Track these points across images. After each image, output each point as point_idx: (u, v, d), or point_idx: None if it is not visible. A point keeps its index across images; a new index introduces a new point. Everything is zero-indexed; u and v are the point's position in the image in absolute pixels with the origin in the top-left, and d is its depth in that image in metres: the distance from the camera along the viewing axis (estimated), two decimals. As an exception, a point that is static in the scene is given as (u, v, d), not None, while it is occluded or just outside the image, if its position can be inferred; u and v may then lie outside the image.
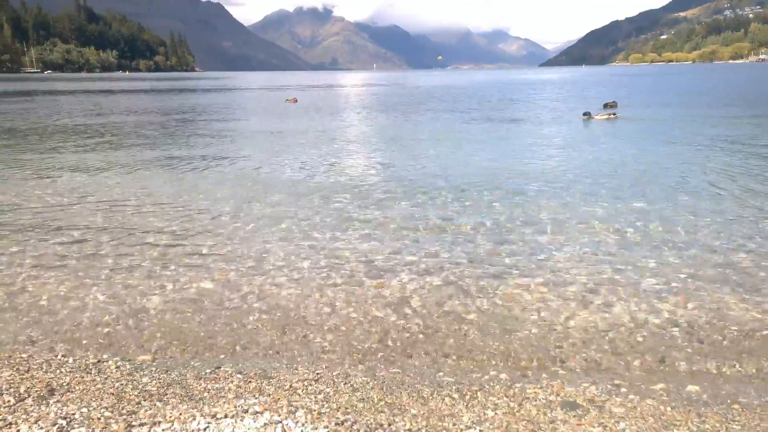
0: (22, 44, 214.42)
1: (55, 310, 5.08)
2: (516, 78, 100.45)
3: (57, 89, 59.46)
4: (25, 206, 8.78)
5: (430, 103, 35.23)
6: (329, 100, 40.25)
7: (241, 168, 12.13)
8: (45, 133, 19.35)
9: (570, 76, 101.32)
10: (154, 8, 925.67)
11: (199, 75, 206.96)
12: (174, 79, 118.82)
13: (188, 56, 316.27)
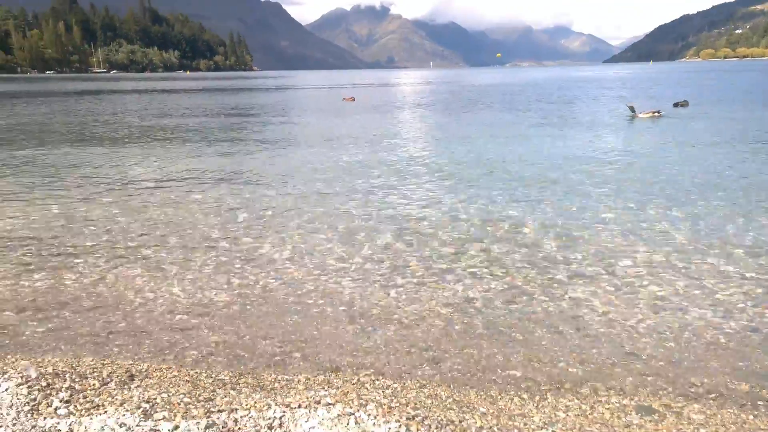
0: (90, 45, 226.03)
1: (130, 300, 5.37)
2: (577, 75, 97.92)
3: (124, 89, 62.35)
4: (98, 201, 9.28)
5: (486, 101, 34.87)
6: (386, 99, 40.46)
7: (300, 166, 12.39)
8: (113, 131, 20.35)
9: (636, 73, 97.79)
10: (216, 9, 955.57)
11: (256, 74, 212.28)
12: (232, 78, 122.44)
13: (246, 56, 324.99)
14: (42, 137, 18.51)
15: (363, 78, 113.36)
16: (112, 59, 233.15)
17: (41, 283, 5.74)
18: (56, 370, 3.34)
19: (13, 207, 8.87)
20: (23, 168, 12.56)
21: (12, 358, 3.76)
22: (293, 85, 76.89)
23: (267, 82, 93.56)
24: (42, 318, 4.86)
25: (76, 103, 37.97)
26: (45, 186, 10.48)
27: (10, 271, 6.06)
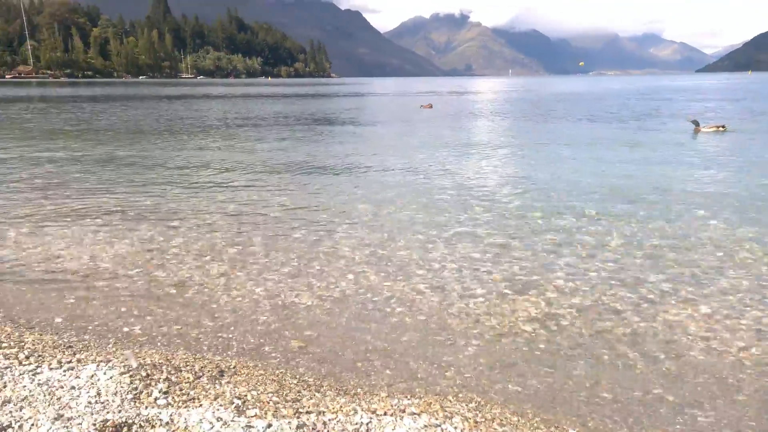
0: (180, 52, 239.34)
1: (216, 298, 5.62)
2: (667, 85, 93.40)
3: (210, 93, 65.49)
4: (185, 200, 9.77)
5: (564, 110, 33.91)
6: (465, 106, 40.24)
7: (379, 171, 12.54)
8: (198, 133, 21.40)
9: (733, 84, 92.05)
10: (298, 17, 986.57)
11: (334, 81, 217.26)
12: (310, 84, 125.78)
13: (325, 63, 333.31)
14: (133, 137, 19.74)
15: (440, 85, 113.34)
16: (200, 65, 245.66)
17: (136, 279, 6.10)
18: (153, 361, 3.54)
19: (108, 203, 9.48)
20: (119, 165, 13.42)
21: (113, 348, 4.02)
22: (370, 91, 77.97)
23: (345, 88, 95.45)
24: (137, 313, 5.17)
25: (166, 106, 40.23)
26: (136, 183, 11.15)
27: (101, 267, 6.47)
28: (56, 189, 10.71)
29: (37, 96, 59.19)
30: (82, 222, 8.30)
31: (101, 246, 7.17)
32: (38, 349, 3.62)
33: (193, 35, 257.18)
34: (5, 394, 2.84)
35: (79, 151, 16.24)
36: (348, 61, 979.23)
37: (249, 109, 37.99)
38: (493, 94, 63.88)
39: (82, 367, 3.27)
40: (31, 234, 7.70)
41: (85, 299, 5.48)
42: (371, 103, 46.35)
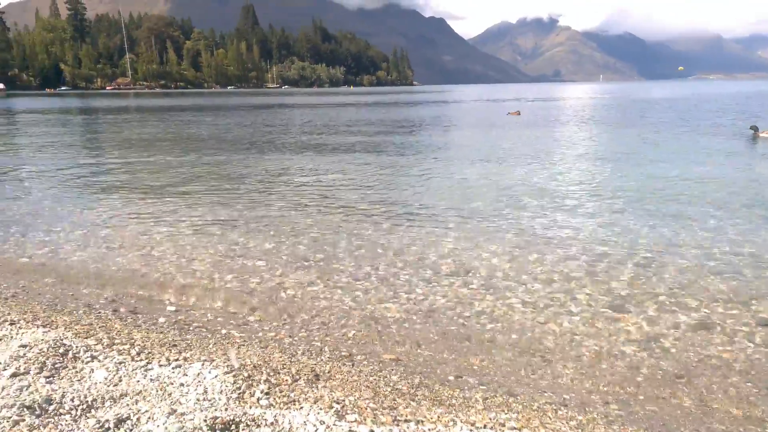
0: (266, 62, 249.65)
1: (306, 306, 5.80)
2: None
3: (296, 103, 67.78)
4: (274, 207, 10.15)
5: (660, 116, 32.25)
6: (554, 113, 39.30)
7: (465, 179, 12.48)
8: (284, 141, 22.19)
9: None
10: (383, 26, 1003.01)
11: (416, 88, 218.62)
12: (392, 92, 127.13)
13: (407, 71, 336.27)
14: (223, 145, 20.76)
15: (527, 92, 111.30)
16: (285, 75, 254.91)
17: (231, 284, 6.41)
18: (253, 363, 3.70)
19: (201, 209, 10.02)
20: (210, 172, 14.16)
21: (214, 348, 4.25)
22: (454, 99, 77.79)
23: (427, 96, 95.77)
24: (233, 316, 5.44)
25: (254, 115, 42.03)
26: (227, 190, 11.71)
27: (199, 270, 6.84)
28: (153, 194, 11.45)
29: (134, 106, 63.67)
30: (177, 227, 8.82)
31: (197, 250, 7.60)
32: (147, 346, 3.89)
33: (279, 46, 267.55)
34: (121, 388, 3.08)
35: (173, 159, 17.29)
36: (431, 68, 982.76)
37: (332, 117, 38.97)
38: (585, 100, 61.88)
39: (189, 365, 3.48)
40: (130, 237, 8.27)
41: (184, 301, 5.83)
42: (455, 111, 46.22)
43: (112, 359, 3.47)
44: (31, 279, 6.35)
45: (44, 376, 3.10)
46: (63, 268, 6.90)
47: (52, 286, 6.12)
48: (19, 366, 3.15)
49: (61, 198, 11.34)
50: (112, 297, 5.88)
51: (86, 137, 26.73)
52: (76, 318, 4.71)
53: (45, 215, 9.77)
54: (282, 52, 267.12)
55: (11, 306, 4.85)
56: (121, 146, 21.86)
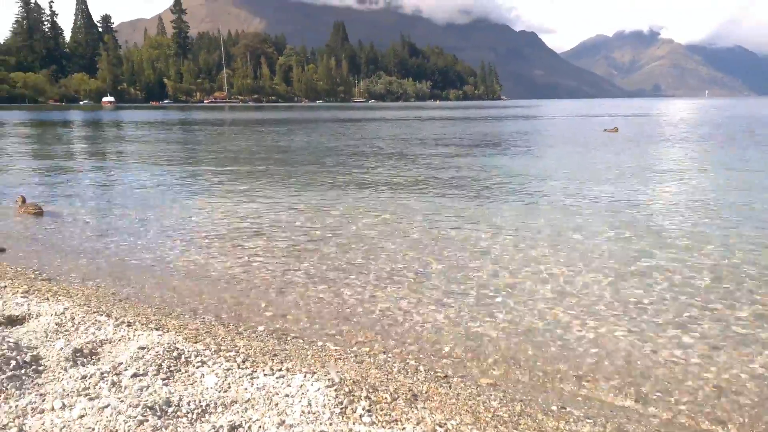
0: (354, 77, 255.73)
1: (400, 322, 5.80)
2: None
3: (383, 117, 68.81)
4: (366, 221, 10.28)
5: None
6: (656, 130, 37.55)
7: (560, 198, 12.12)
8: (368, 154, 22.51)
9: None
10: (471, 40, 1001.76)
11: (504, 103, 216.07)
12: (479, 107, 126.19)
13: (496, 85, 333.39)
14: (314, 157, 21.36)
15: (624, 107, 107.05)
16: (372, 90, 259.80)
17: (324, 295, 6.53)
18: (351, 378, 3.74)
19: (296, 221, 10.31)
20: (304, 183, 14.58)
21: (312, 360, 4.33)
22: (545, 114, 76.16)
23: (516, 110, 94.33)
24: (329, 329, 5.54)
25: (343, 128, 43.04)
26: (319, 203, 12.00)
27: (293, 281, 7.02)
28: (249, 203, 11.91)
29: (229, 119, 66.98)
30: (272, 237, 9.12)
31: (291, 260, 7.81)
32: (251, 354, 4.02)
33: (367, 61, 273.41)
34: (231, 395, 3.19)
35: (269, 169, 17.96)
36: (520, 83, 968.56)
37: (419, 131, 39.16)
38: (689, 117, 58.68)
39: (291, 376, 3.56)
40: (228, 245, 8.64)
41: (280, 310, 6.00)
42: (547, 126, 45.18)
43: (220, 365, 3.62)
44: (141, 282, 6.76)
45: (161, 378, 3.28)
46: (168, 272, 7.30)
47: (159, 290, 6.49)
48: (139, 367, 3.34)
49: (165, 205, 12.04)
50: (214, 303, 6.15)
51: (187, 147, 28.35)
52: (183, 322, 4.95)
53: (151, 221, 10.41)
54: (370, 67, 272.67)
55: (125, 308, 5.19)
56: (219, 156, 23.01)
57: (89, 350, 3.63)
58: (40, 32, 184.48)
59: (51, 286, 5.88)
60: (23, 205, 11.43)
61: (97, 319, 4.34)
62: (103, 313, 4.61)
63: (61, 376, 3.25)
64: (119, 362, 3.40)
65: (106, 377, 3.19)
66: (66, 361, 3.43)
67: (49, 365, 3.38)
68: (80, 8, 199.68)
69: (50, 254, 8.08)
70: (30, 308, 4.52)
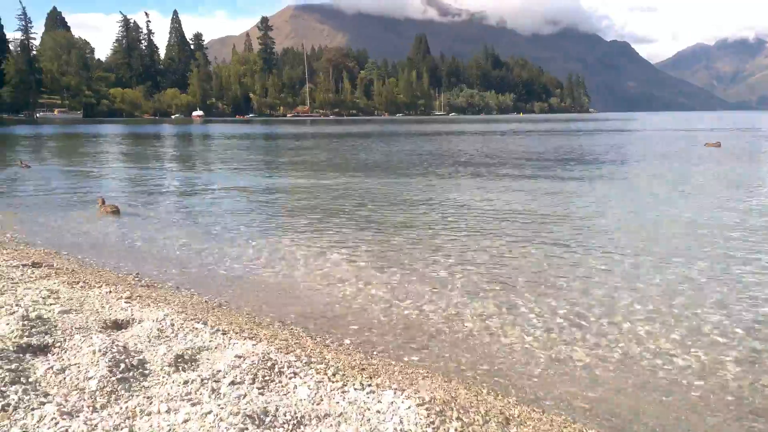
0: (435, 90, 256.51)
1: (485, 341, 5.72)
2: None
3: (465, 130, 68.52)
4: (446, 235, 10.23)
5: None
6: (765, 145, 35.18)
7: (659, 216, 11.59)
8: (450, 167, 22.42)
9: None
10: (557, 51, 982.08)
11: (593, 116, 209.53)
12: (567, 120, 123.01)
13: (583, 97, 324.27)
14: (395, 171, 21.53)
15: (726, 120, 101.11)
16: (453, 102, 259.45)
17: (408, 311, 6.55)
18: (440, 397, 3.72)
19: (376, 233, 10.42)
20: (380, 198, 14.72)
21: (399, 376, 4.35)
22: (638, 127, 73.21)
23: (606, 123, 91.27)
24: (414, 345, 5.55)
25: (423, 141, 43.19)
26: (406, 216, 12.07)
27: (377, 295, 7.08)
28: (332, 216, 12.16)
29: (312, 132, 68.88)
30: (355, 249, 9.25)
31: (374, 274, 7.89)
32: (340, 367, 4.09)
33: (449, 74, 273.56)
34: (324, 408, 3.26)
35: (349, 181, 18.29)
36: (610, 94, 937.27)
37: (502, 145, 38.68)
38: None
39: (382, 392, 3.59)
40: (313, 257, 8.84)
41: (367, 325, 6.07)
42: (641, 140, 43.40)
43: (311, 377, 3.70)
44: (231, 291, 7.06)
45: (256, 387, 3.40)
46: (255, 282, 7.57)
47: (248, 299, 6.74)
48: (236, 375, 3.49)
49: (251, 216, 12.52)
50: (300, 314, 6.31)
51: (271, 159, 29.41)
52: (273, 332, 5.12)
53: (239, 231, 10.83)
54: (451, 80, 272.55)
55: (219, 316, 5.42)
56: (303, 168, 23.71)
57: (189, 356, 3.83)
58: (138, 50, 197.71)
59: (150, 292, 6.24)
60: (103, 206, 12.92)
61: (194, 326, 4.56)
62: (200, 320, 4.84)
63: (165, 380, 3.45)
64: (217, 370, 3.56)
65: (206, 384, 3.34)
66: (169, 366, 3.64)
67: (153, 369, 3.60)
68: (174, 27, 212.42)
69: (145, 261, 8.58)
70: (133, 313, 4.83)
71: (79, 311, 4.81)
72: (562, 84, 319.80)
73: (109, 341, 3.81)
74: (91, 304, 5.12)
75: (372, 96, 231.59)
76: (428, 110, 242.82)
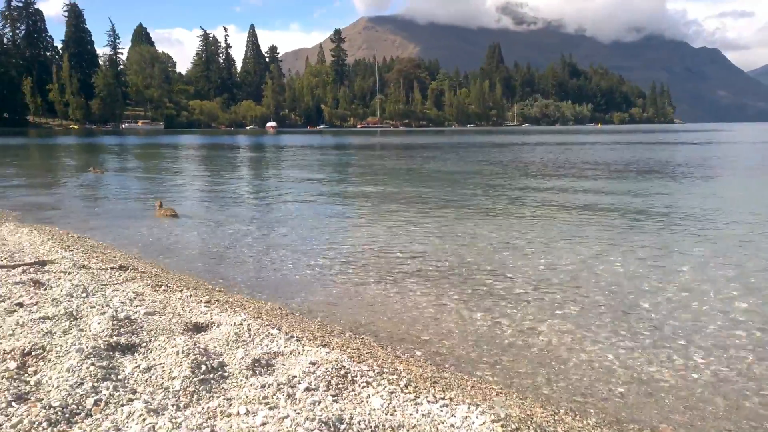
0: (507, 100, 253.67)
1: (563, 357, 5.57)
2: None
3: (543, 141, 67.30)
4: (527, 246, 10.06)
5: None
6: None
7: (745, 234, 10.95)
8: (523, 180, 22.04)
9: None
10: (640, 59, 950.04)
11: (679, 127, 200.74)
12: (649, 131, 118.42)
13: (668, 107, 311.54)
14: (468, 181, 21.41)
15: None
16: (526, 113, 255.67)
17: (481, 323, 6.48)
18: (515, 414, 3.66)
19: (448, 244, 10.37)
20: (457, 206, 14.65)
21: (472, 390, 4.31)
22: (732, 139, 69.55)
23: (695, 135, 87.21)
24: (488, 359, 5.48)
25: (496, 152, 42.73)
26: (479, 226, 11.96)
27: (449, 306, 7.04)
28: (402, 226, 12.20)
29: (381, 143, 69.54)
30: (436, 258, 9.24)
31: (444, 285, 7.84)
32: (412, 379, 4.10)
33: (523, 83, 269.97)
34: (398, 419, 3.28)
35: (423, 191, 18.33)
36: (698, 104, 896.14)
37: (579, 155, 37.68)
38: None
39: (455, 406, 3.57)
40: (383, 264, 8.89)
41: (438, 337, 6.05)
42: (735, 153, 41.19)
43: (384, 387, 3.73)
44: (303, 298, 7.21)
45: (330, 394, 3.46)
46: (327, 290, 7.70)
47: (320, 307, 6.87)
48: (311, 381, 3.57)
49: (320, 222, 12.75)
50: (371, 323, 6.36)
51: (342, 168, 29.92)
52: (345, 341, 5.19)
53: (310, 238, 11.06)
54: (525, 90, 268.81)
55: (292, 323, 5.56)
56: (372, 178, 23.96)
57: (266, 361, 3.95)
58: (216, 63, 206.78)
59: (227, 297, 6.48)
60: (160, 209, 13.35)
61: (269, 331, 4.70)
62: (274, 326, 4.98)
63: (243, 383, 3.57)
64: (293, 375, 3.65)
65: (282, 388, 3.44)
66: (246, 369, 3.77)
67: (232, 372, 3.73)
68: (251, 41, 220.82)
69: (219, 266, 8.90)
70: (212, 317, 5.03)
71: (162, 313, 5.07)
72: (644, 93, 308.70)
73: (191, 343, 4.00)
74: (173, 307, 5.38)
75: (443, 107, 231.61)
76: (500, 121, 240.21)
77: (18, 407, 2.97)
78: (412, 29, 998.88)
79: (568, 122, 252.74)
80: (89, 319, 4.56)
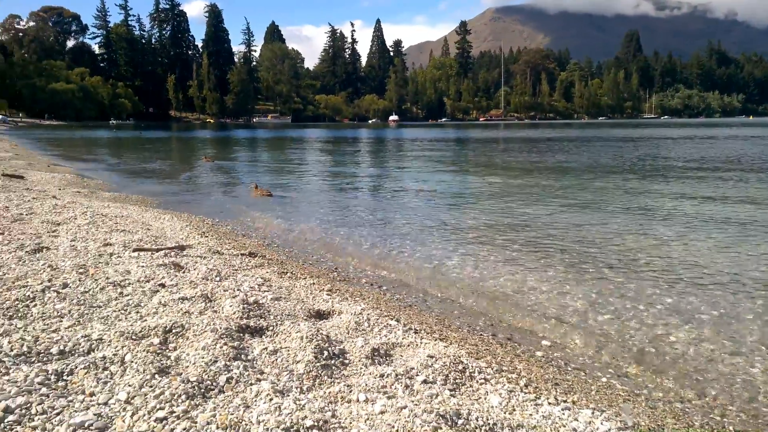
0: (645, 91, 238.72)
1: (699, 366, 5.20)
2: None
3: (695, 135, 62.81)
4: (667, 247, 9.45)
5: None
6: None
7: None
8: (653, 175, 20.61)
9: None
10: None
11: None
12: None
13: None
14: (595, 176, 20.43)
15: None
16: (666, 104, 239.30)
17: (606, 327, 6.19)
18: (646, 423, 3.48)
19: (571, 241, 9.97)
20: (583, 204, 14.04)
21: (596, 395, 4.14)
22: None
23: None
24: (613, 364, 5.23)
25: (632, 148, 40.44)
26: (605, 225, 11.40)
27: (573, 307, 6.78)
28: (523, 221, 11.90)
29: (512, 137, 68.18)
30: (548, 257, 8.95)
31: (569, 284, 7.57)
32: (532, 379, 4.02)
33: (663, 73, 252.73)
34: (516, 418, 3.23)
35: (548, 184, 17.78)
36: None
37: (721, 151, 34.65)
38: None
39: (579, 410, 3.46)
40: (502, 262, 8.73)
41: (557, 337, 5.86)
42: None
43: (502, 385, 3.69)
44: (421, 291, 7.28)
45: (448, 388, 3.49)
46: (445, 285, 7.71)
47: (438, 301, 6.90)
48: (428, 374, 3.62)
49: (439, 215, 12.74)
50: (489, 320, 6.29)
51: (461, 161, 29.74)
52: (462, 336, 5.19)
53: (426, 231, 11.10)
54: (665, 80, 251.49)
55: (410, 315, 5.65)
56: (492, 171, 23.60)
57: (384, 351, 4.05)
58: (342, 58, 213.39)
59: (348, 287, 6.70)
60: (256, 189, 14.76)
61: (388, 322, 4.80)
62: (393, 317, 5.08)
63: (362, 371, 3.69)
64: (410, 367, 3.71)
65: (400, 379, 3.51)
66: (366, 358, 3.89)
67: (352, 360, 3.87)
68: (376, 35, 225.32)
69: (339, 256, 9.20)
70: (333, 305, 5.23)
71: (287, 299, 5.34)
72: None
73: (315, 329, 4.19)
74: (298, 294, 5.65)
75: (572, 98, 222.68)
76: (635, 113, 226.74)
77: (161, 380, 3.27)
78: (541, 19, 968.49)
79: (713, 114, 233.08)
80: (222, 301, 4.91)
